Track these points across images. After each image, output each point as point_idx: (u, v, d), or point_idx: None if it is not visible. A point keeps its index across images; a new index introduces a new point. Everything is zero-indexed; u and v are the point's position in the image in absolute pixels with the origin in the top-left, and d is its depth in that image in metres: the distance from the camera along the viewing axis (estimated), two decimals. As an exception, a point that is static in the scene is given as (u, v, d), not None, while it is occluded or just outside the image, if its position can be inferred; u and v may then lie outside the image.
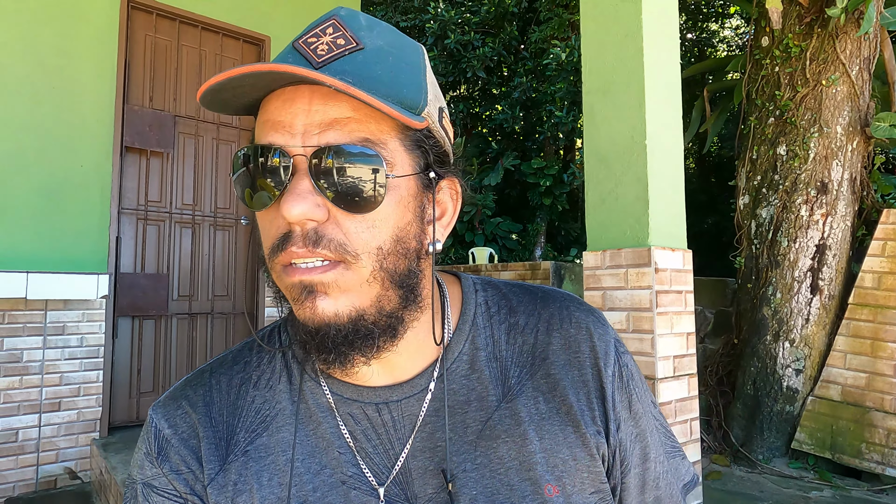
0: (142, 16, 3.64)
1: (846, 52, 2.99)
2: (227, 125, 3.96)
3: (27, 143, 3.15)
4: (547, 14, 9.65)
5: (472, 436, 0.54)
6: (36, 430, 3.09)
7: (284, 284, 0.49)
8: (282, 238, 0.48)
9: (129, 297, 3.47)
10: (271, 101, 0.49)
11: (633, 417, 0.58)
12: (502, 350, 0.58)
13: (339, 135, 0.47)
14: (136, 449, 0.58)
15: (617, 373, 0.58)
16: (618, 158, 2.21)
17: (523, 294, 0.62)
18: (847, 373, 2.89)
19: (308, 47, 0.49)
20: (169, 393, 0.60)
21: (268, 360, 0.59)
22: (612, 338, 0.59)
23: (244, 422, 0.56)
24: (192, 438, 0.56)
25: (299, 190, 0.46)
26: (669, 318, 2.14)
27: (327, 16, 0.51)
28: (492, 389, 0.56)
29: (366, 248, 0.48)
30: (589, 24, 2.34)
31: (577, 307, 0.61)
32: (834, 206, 3.00)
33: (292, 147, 0.47)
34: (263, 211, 0.50)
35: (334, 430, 0.54)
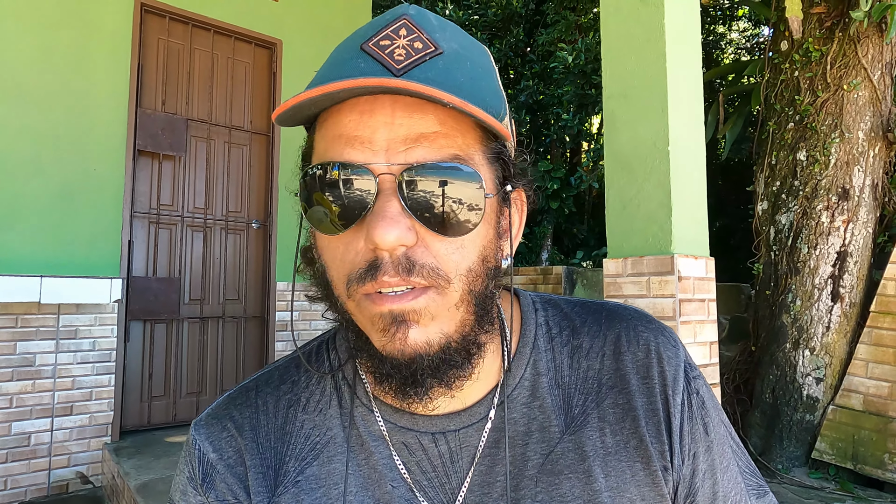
0: (155, 20, 3.64)
1: (868, 57, 2.96)
2: (238, 129, 3.95)
3: (41, 147, 3.15)
4: (554, 17, 9.63)
5: (532, 470, 0.50)
6: (48, 434, 3.08)
7: (368, 314, 0.45)
8: (369, 266, 0.43)
9: (141, 301, 3.46)
10: (343, 112, 0.45)
11: (704, 450, 0.53)
12: (565, 376, 0.53)
13: (428, 151, 0.43)
14: (178, 471, 0.55)
15: (686, 401, 0.52)
16: (640, 164, 2.18)
17: (587, 313, 0.57)
18: (869, 381, 2.85)
19: (382, 51, 0.44)
20: (211, 411, 0.56)
21: (316, 380, 0.56)
22: (683, 361, 0.54)
23: (293, 449, 0.52)
24: (239, 465, 0.52)
25: (391, 213, 0.42)
26: (693, 327, 2.11)
27: (395, 14, 0.47)
28: (554, 419, 0.51)
29: (457, 271, 0.45)
30: (609, 27, 2.31)
31: (644, 326, 0.56)
32: (855, 213, 2.96)
33: (376, 165, 0.43)
34: (337, 236, 0.45)
35: (387, 462, 0.51)
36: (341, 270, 0.46)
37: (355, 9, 4.52)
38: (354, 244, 0.44)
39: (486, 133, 0.47)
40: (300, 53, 4.16)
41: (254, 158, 4.02)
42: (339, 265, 0.46)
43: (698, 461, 0.52)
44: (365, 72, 0.43)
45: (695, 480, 0.52)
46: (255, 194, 4.01)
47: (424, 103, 0.44)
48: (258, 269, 4.01)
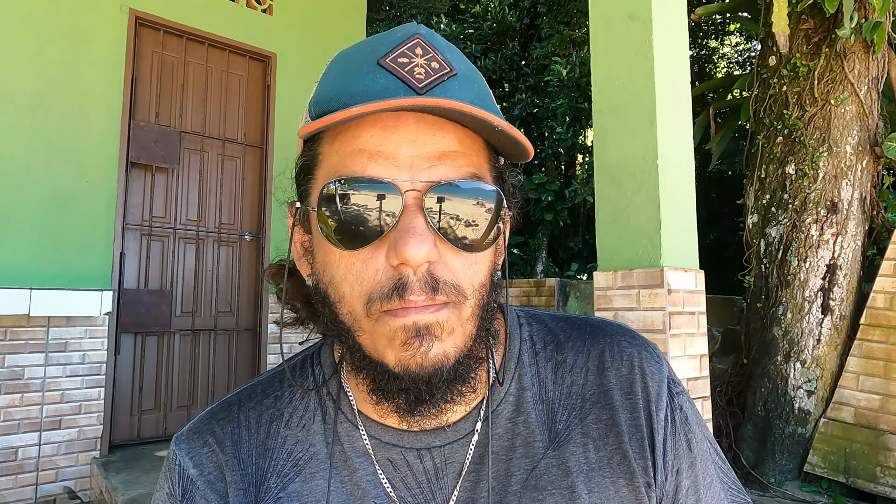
0: (149, 33, 3.66)
1: (854, 72, 3.00)
2: (232, 141, 3.95)
3: (33, 158, 3.15)
4: (548, 31, 9.73)
5: (516, 486, 0.49)
6: (36, 448, 3.05)
7: (388, 329, 0.44)
8: (395, 285, 0.43)
9: (132, 314, 3.45)
10: (363, 127, 0.45)
11: (687, 467, 0.53)
12: (549, 391, 0.53)
13: (450, 170, 0.44)
14: (158, 486, 0.55)
15: (669, 417, 0.53)
16: (629, 178, 2.19)
17: (571, 328, 0.57)
18: (860, 394, 2.85)
19: (402, 68, 0.45)
20: (193, 426, 0.55)
21: (300, 395, 0.55)
22: (666, 377, 0.54)
23: (275, 465, 0.52)
24: (219, 481, 0.52)
25: (419, 229, 0.42)
26: (683, 340, 2.11)
27: (407, 33, 0.47)
28: (538, 434, 0.51)
29: (471, 286, 0.46)
30: (598, 43, 2.34)
31: (628, 342, 0.56)
32: (844, 226, 2.99)
33: (401, 181, 0.43)
34: (354, 252, 0.45)
35: (371, 478, 0.50)
36: (359, 288, 0.45)
37: (349, 23, 4.56)
38: (374, 261, 0.44)
39: (491, 152, 0.49)
40: (294, 67, 4.19)
41: (247, 171, 4.03)
42: (356, 282, 0.45)
43: (682, 477, 0.52)
44: (387, 88, 0.44)
45: (678, 497, 0.52)
46: (247, 206, 4.01)
47: (445, 122, 0.45)
48: (250, 282, 4.00)
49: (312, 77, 3.12)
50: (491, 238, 0.46)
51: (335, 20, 4.47)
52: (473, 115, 0.41)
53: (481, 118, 0.42)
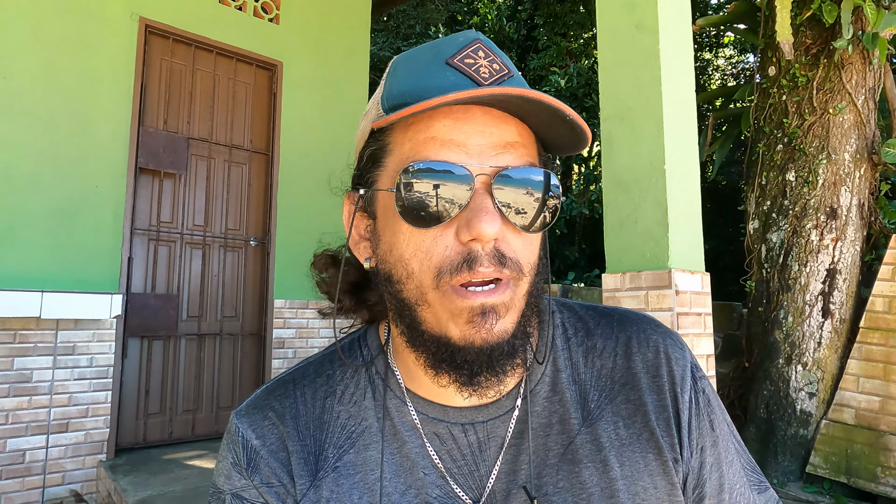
0: (159, 41, 3.70)
1: (852, 82, 3.08)
2: (239, 148, 4.00)
3: (44, 164, 3.18)
4: (546, 42, 9.84)
5: (553, 459, 0.53)
6: (43, 451, 3.05)
7: (456, 306, 0.48)
8: (465, 259, 0.47)
9: (140, 318, 3.46)
10: (435, 118, 0.49)
11: (710, 445, 0.56)
12: (581, 373, 0.57)
13: (513, 157, 0.49)
14: (221, 457, 0.57)
15: (693, 399, 0.56)
16: (636, 183, 2.25)
17: (599, 316, 0.62)
18: (860, 396, 2.90)
19: (469, 68, 0.49)
20: (251, 401, 0.59)
21: (351, 373, 0.59)
22: (689, 362, 0.58)
23: (331, 437, 0.56)
24: (282, 451, 0.55)
25: (489, 208, 0.47)
26: (690, 340, 2.16)
27: (469, 38, 0.52)
28: (573, 413, 0.55)
29: (528, 264, 0.50)
30: (606, 52, 2.40)
31: (653, 330, 0.60)
32: (843, 232, 3.05)
33: (472, 166, 0.47)
34: (426, 230, 0.48)
35: (419, 450, 0.54)
36: (430, 262, 0.48)
37: (353, 33, 4.62)
38: (443, 239, 0.48)
39: (540, 146, 0.54)
40: (300, 75, 4.24)
41: (253, 177, 4.07)
42: (426, 257, 0.49)
43: (705, 454, 0.56)
44: (457, 83, 0.49)
45: (703, 472, 0.56)
46: (253, 212, 4.05)
47: (508, 116, 0.50)
48: (256, 287, 4.02)
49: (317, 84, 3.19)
50: (546, 220, 0.50)
51: (340, 30, 4.54)
52: (548, 103, 0.46)
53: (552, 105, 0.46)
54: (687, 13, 2.38)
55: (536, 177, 0.49)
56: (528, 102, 0.47)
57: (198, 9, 3.81)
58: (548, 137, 0.53)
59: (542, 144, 0.55)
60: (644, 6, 2.25)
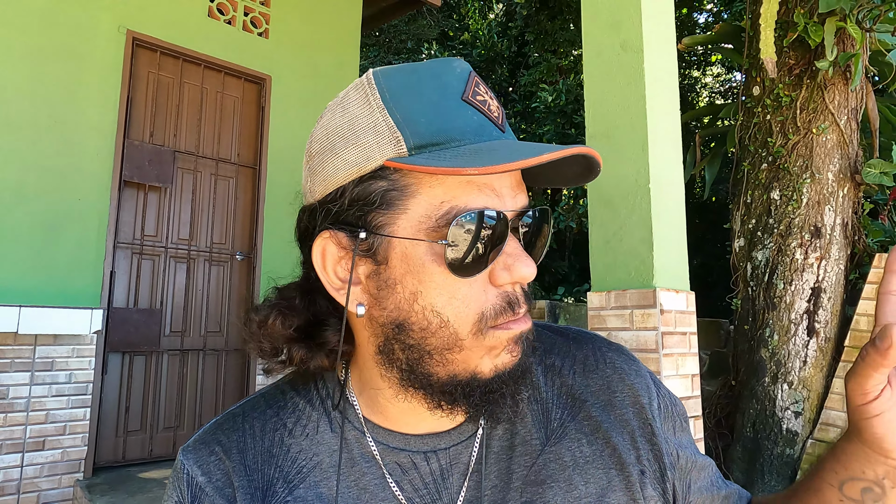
0: (146, 53, 3.69)
1: (835, 103, 3.12)
2: (226, 161, 3.97)
3: (26, 175, 3.14)
4: (536, 58, 9.93)
5: (518, 482, 0.53)
6: (18, 470, 2.98)
7: (499, 340, 0.48)
8: (506, 301, 0.48)
9: (121, 333, 3.41)
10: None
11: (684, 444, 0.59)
12: (542, 392, 0.57)
13: (524, 197, 0.51)
14: (166, 497, 0.56)
15: (661, 405, 0.59)
16: (622, 201, 2.25)
17: (555, 335, 0.63)
18: (845, 415, 2.90)
19: (483, 106, 0.49)
20: (199, 436, 0.57)
21: (303, 405, 0.57)
22: (647, 372, 0.61)
23: (280, 471, 0.54)
24: (227, 487, 0.53)
25: (524, 251, 0.49)
26: (675, 360, 2.14)
27: (465, 70, 0.50)
28: (535, 433, 0.55)
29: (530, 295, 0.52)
30: (591, 71, 2.41)
31: (608, 347, 0.62)
32: (828, 250, 3.07)
33: (507, 210, 0.48)
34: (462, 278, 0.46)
35: (379, 481, 0.53)
36: (468, 309, 0.47)
37: (343, 48, 4.64)
38: (479, 284, 0.47)
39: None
40: (289, 89, 4.24)
41: (240, 191, 4.04)
42: (462, 304, 0.47)
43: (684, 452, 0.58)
44: (481, 125, 0.48)
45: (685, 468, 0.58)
46: (240, 226, 4.02)
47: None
48: (241, 302, 3.98)
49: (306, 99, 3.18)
50: (545, 252, 0.53)
51: (330, 45, 4.55)
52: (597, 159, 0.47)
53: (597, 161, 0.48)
54: (671, 33, 2.40)
55: (545, 214, 0.52)
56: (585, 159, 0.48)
57: (186, 22, 3.81)
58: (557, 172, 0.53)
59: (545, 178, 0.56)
60: (629, 26, 2.27)
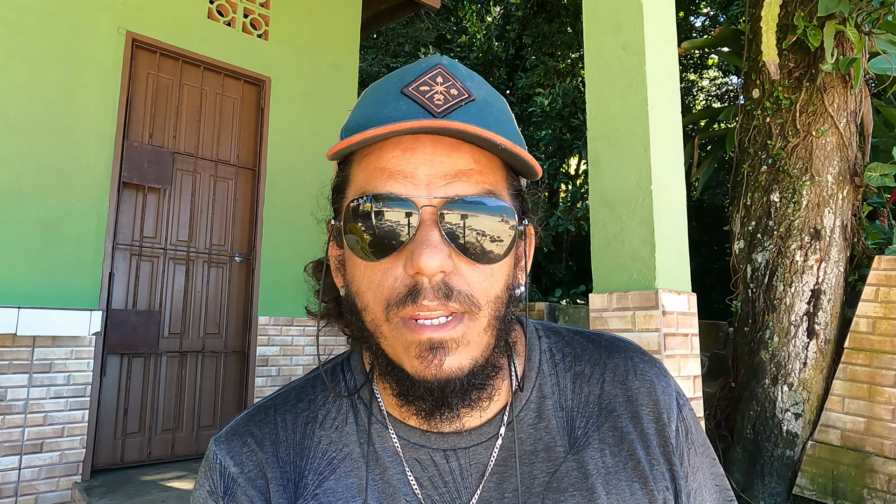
0: (145, 55, 3.68)
1: (834, 106, 3.14)
2: (225, 163, 3.97)
3: (24, 177, 3.12)
4: (533, 61, 9.95)
5: (539, 487, 0.52)
6: (16, 472, 2.96)
7: (405, 340, 0.47)
8: (409, 291, 0.46)
9: (120, 334, 3.40)
10: (385, 149, 0.49)
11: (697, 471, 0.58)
12: (568, 399, 0.57)
13: (465, 186, 0.48)
14: (197, 485, 0.56)
15: (680, 427, 0.57)
16: (623, 203, 2.25)
17: (587, 342, 0.62)
18: (846, 417, 2.91)
19: (423, 96, 0.49)
20: (231, 427, 0.58)
21: (332, 398, 0.58)
22: (675, 391, 0.59)
23: (312, 463, 0.54)
24: (260, 478, 0.54)
25: (433, 241, 0.46)
26: (677, 361, 2.15)
27: (430, 64, 0.51)
28: (559, 440, 0.55)
29: (486, 298, 0.49)
30: (593, 73, 2.42)
31: (640, 358, 0.60)
32: (827, 252, 3.09)
33: (419, 197, 0.47)
34: (376, 262, 0.48)
35: (401, 477, 0.53)
36: (379, 295, 0.48)
37: (342, 50, 4.64)
38: (393, 271, 0.47)
39: (509, 171, 0.53)
40: (288, 90, 4.24)
41: (239, 192, 4.03)
42: (377, 290, 0.48)
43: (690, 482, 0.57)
44: (408, 114, 0.48)
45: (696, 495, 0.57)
46: (239, 228, 4.01)
47: (461, 143, 0.48)
48: (240, 303, 3.97)
49: (305, 101, 3.18)
50: (504, 251, 0.48)
51: (329, 47, 4.55)
52: (478, 134, 0.45)
53: (485, 137, 0.45)
54: (672, 35, 2.41)
55: (491, 207, 0.48)
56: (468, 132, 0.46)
57: (186, 24, 3.80)
58: (510, 164, 0.52)
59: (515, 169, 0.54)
60: (630, 28, 2.28)
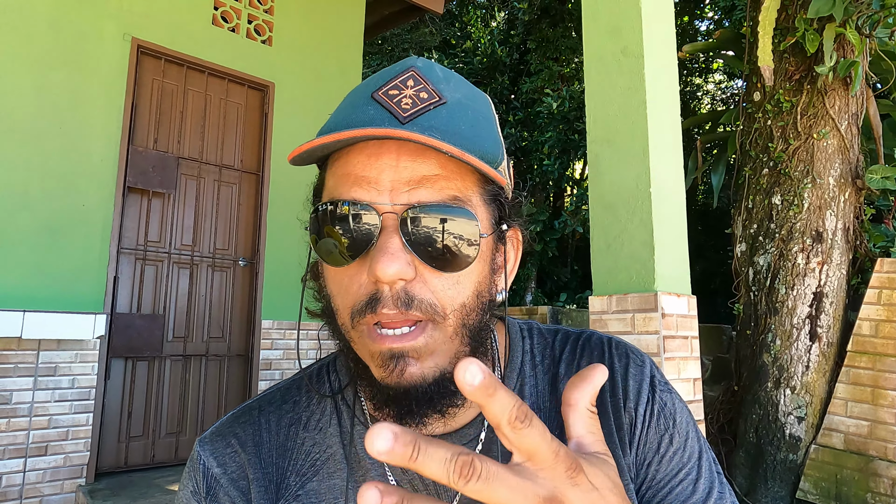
0: (150, 61, 3.72)
1: (835, 108, 3.13)
2: (229, 167, 3.99)
3: (30, 182, 3.16)
4: (538, 66, 9.97)
5: None
6: (20, 475, 2.98)
7: (369, 349, 0.47)
8: (370, 299, 0.46)
9: (124, 338, 3.42)
10: (352, 154, 0.48)
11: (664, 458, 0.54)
12: (546, 401, 0.57)
13: (429, 192, 0.47)
14: (182, 486, 0.57)
15: (649, 410, 0.55)
16: (623, 205, 2.26)
17: (566, 341, 0.61)
18: (849, 420, 2.89)
19: (391, 100, 0.48)
20: (216, 429, 0.58)
21: (317, 400, 0.58)
22: (649, 375, 0.57)
23: (294, 464, 0.55)
24: (242, 479, 0.55)
25: (392, 249, 0.45)
26: (677, 364, 2.15)
27: (404, 66, 0.51)
28: None
29: (452, 305, 0.48)
30: (592, 76, 2.43)
31: (611, 352, 0.59)
32: (829, 255, 3.07)
33: (381, 204, 0.46)
34: (343, 268, 0.48)
35: (381, 479, 0.53)
36: (346, 301, 0.48)
37: (346, 55, 4.67)
38: (358, 277, 0.47)
39: (483, 176, 0.51)
40: (292, 96, 4.27)
41: (243, 196, 4.06)
42: (344, 296, 0.49)
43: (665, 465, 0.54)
44: (374, 118, 0.47)
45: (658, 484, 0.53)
46: (243, 232, 4.03)
47: (427, 149, 0.47)
48: (244, 307, 3.99)
49: (309, 106, 3.21)
50: (470, 258, 0.47)
51: (332, 52, 4.58)
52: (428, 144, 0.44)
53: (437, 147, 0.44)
54: (672, 39, 2.41)
55: (455, 212, 0.46)
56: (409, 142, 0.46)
57: (191, 30, 3.84)
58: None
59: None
60: (629, 32, 2.29)
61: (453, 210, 0.47)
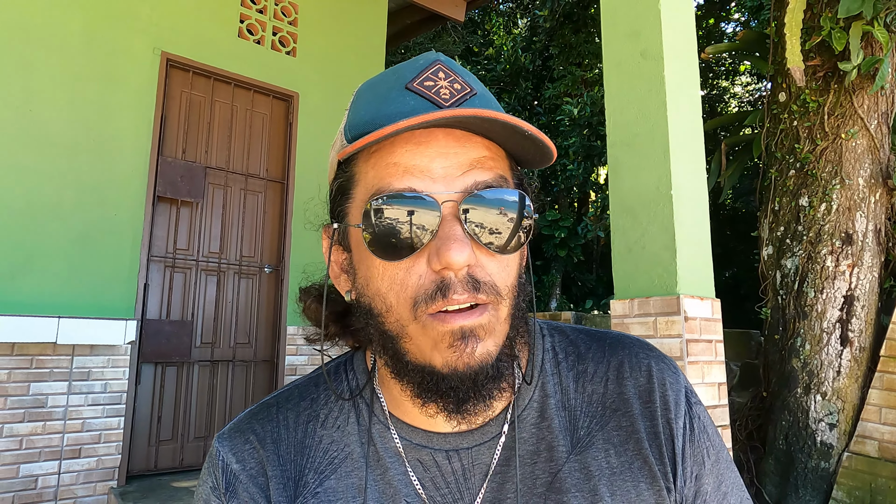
0: (179, 73, 3.83)
1: (864, 107, 3.06)
2: (255, 176, 4.08)
3: (64, 192, 3.27)
4: (560, 72, 9.94)
5: (541, 488, 0.51)
6: (55, 477, 3.07)
7: (436, 333, 0.47)
8: (438, 287, 0.46)
9: (154, 344, 3.50)
10: (397, 144, 0.48)
11: (706, 473, 0.55)
12: (571, 398, 0.56)
13: (481, 173, 0.48)
14: (201, 481, 0.57)
15: (688, 425, 0.55)
16: (643, 208, 2.24)
17: (591, 340, 0.60)
18: (883, 427, 2.80)
19: (429, 90, 0.49)
20: (234, 425, 0.58)
21: (335, 398, 0.58)
22: (684, 387, 0.57)
23: (312, 462, 0.55)
24: (261, 476, 0.54)
25: (458, 236, 0.45)
26: (701, 368, 2.11)
27: (429, 60, 0.52)
28: (561, 440, 0.54)
29: (506, 287, 0.49)
30: (612, 80, 2.42)
31: (646, 354, 0.58)
32: (860, 257, 2.99)
33: (438, 193, 0.46)
34: (396, 262, 0.48)
35: (402, 478, 0.53)
36: (405, 294, 0.48)
37: (368, 65, 4.73)
38: (416, 268, 0.47)
39: (512, 161, 0.53)
40: (315, 105, 4.34)
41: (268, 205, 4.14)
42: (401, 290, 0.48)
43: (701, 482, 0.54)
44: (417, 108, 0.48)
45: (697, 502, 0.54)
46: (268, 239, 4.11)
47: (471, 136, 0.49)
48: (269, 314, 4.05)
49: (333, 115, 3.25)
50: (521, 239, 0.49)
51: (355, 62, 4.64)
52: (504, 120, 0.45)
53: (510, 122, 0.45)
54: (692, 41, 2.39)
55: (508, 196, 0.48)
56: (486, 121, 0.46)
57: (218, 43, 3.94)
58: (516, 153, 0.53)
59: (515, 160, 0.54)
60: (649, 34, 2.28)
61: (505, 193, 0.48)
